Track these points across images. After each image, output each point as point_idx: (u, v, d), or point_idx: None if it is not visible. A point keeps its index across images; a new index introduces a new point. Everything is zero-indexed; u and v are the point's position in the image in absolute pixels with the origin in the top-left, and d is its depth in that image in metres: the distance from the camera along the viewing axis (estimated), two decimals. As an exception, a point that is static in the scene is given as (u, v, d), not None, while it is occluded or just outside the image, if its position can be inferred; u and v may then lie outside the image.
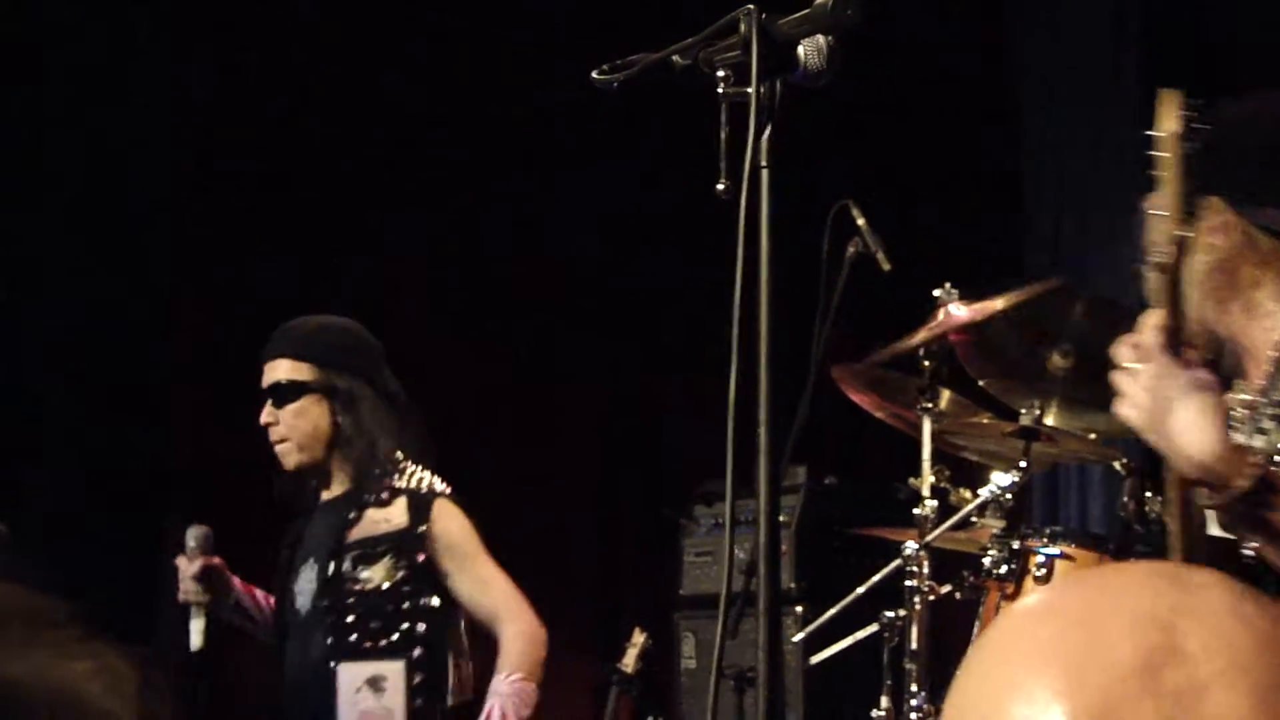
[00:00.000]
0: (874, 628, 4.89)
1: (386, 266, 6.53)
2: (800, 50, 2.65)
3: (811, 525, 5.92)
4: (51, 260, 6.28)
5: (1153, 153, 2.84)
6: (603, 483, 6.71)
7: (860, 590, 4.95)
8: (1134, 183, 7.38)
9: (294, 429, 4.45)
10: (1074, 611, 1.02)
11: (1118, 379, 2.80)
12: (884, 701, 4.75)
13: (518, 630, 4.34)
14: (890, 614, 4.73)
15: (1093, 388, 5.25)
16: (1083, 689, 0.97)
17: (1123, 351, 2.80)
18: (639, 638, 5.71)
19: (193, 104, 6.55)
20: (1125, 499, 5.03)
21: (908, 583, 4.64)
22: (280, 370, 4.47)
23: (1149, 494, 4.98)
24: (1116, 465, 5.10)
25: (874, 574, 4.96)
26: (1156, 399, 2.71)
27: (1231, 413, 2.87)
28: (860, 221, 4.63)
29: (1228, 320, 3.05)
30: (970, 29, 7.20)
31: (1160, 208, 2.82)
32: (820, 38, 2.64)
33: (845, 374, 5.08)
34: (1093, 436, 5.22)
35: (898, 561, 4.72)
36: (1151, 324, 2.77)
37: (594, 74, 2.71)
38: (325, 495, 4.52)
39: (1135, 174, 7.39)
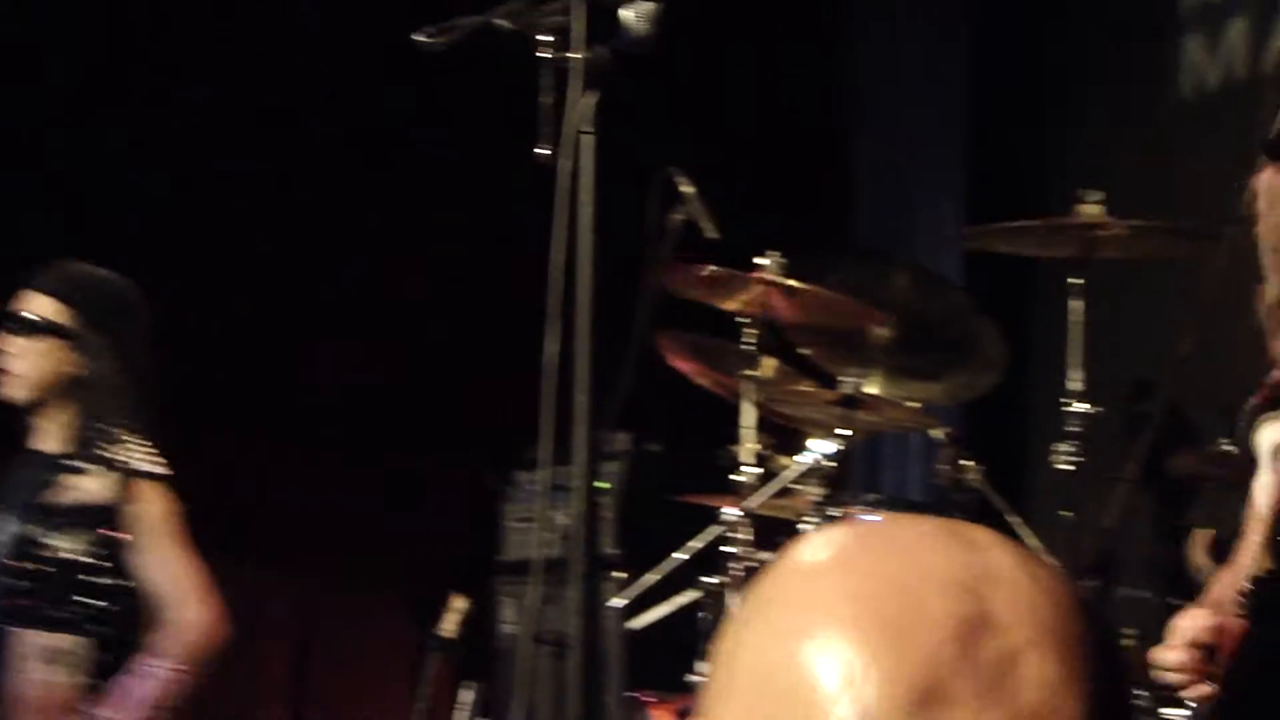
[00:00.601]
0: (695, 594, 4.90)
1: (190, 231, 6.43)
2: (624, 14, 2.63)
3: (634, 492, 5.92)
4: None
5: None
6: (423, 447, 6.67)
7: (680, 556, 4.96)
8: (959, 152, 7.46)
9: (32, 366, 4.27)
10: (878, 569, 1.00)
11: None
12: (702, 667, 4.76)
13: (189, 619, 4.16)
14: (711, 580, 4.74)
15: (914, 357, 5.33)
16: (904, 658, 0.96)
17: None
18: (459, 603, 5.68)
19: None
20: (943, 467, 5.10)
21: (728, 549, 4.65)
22: (39, 305, 4.30)
23: (966, 462, 5.05)
24: (935, 433, 5.16)
25: (695, 540, 4.98)
26: None
27: None
28: (685, 188, 4.63)
29: None
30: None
31: None
32: (644, 3, 2.63)
33: (669, 341, 5.09)
34: (912, 404, 5.28)
35: (718, 528, 4.73)
36: None
37: (415, 35, 2.69)
38: (36, 445, 4.35)
39: (961, 142, 7.47)
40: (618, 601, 5.35)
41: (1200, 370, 3.44)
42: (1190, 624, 2.94)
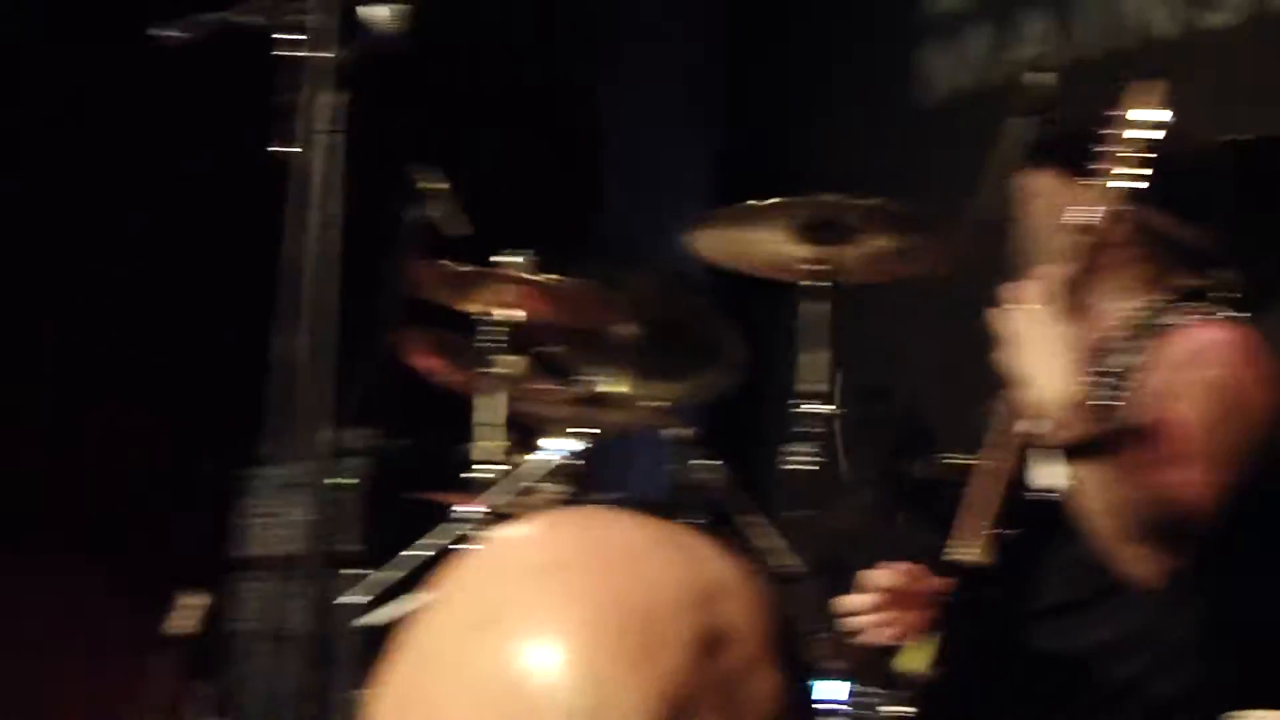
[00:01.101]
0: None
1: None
2: (369, 14, 2.63)
3: (375, 488, 5.89)
4: None
5: (1113, 130, 3.12)
6: (160, 440, 6.58)
7: (418, 554, 4.94)
8: (701, 155, 7.53)
9: None
10: (602, 582, 0.98)
11: (1003, 318, 3.11)
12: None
13: None
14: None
15: (658, 357, 5.37)
16: (651, 674, 0.94)
17: (1021, 289, 3.11)
18: (194, 599, 5.62)
19: None
20: (685, 467, 5.15)
21: (469, 547, 4.64)
22: None
23: (707, 461, 5.11)
24: (677, 433, 5.21)
25: (435, 538, 4.97)
26: (1036, 338, 3.06)
27: None
28: (432, 186, 4.62)
29: (1098, 296, 3.34)
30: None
31: (1107, 179, 3.05)
32: (390, 3, 2.63)
33: (413, 337, 5.07)
34: (655, 404, 5.32)
35: (457, 526, 4.73)
36: (1052, 274, 3.11)
37: (153, 30, 2.65)
38: None
39: (709, 145, 7.53)
40: (355, 598, 5.32)
41: (939, 374, 3.54)
42: (877, 571, 3.18)
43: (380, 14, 2.62)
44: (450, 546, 4.74)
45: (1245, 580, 3.37)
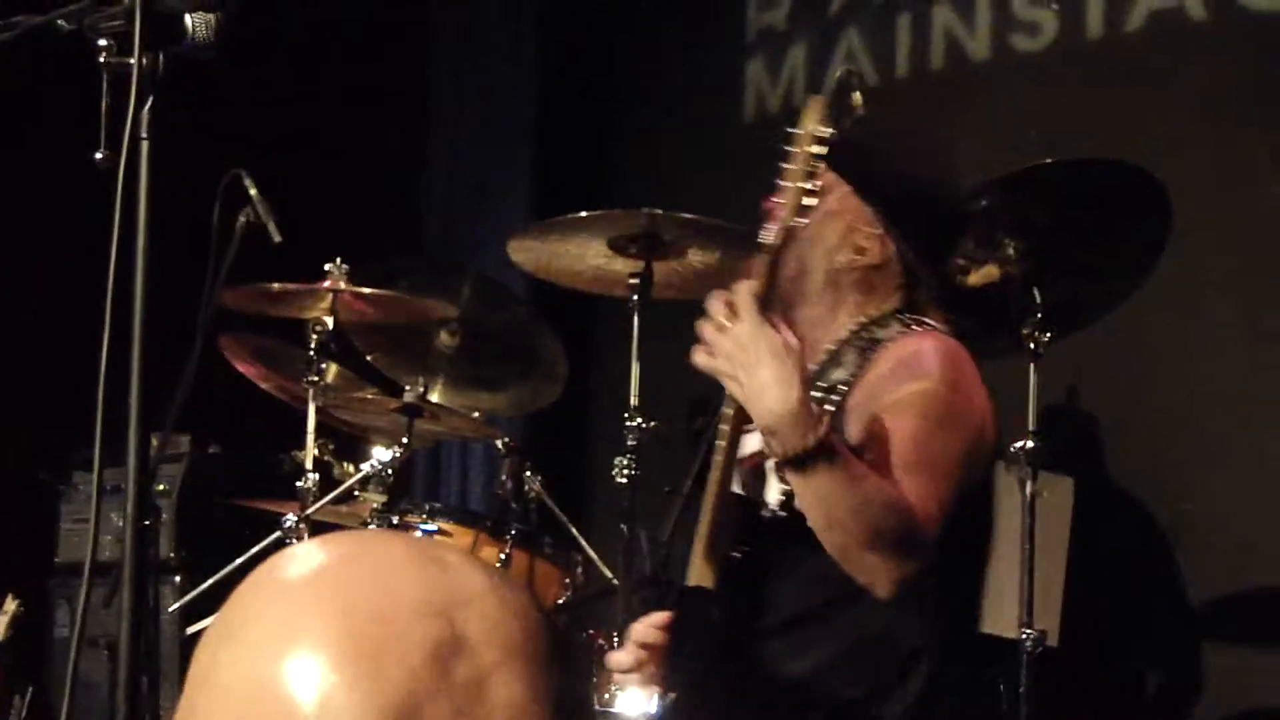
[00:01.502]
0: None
1: None
2: (187, 21, 2.64)
3: (193, 494, 5.86)
4: None
5: (787, 148, 3.12)
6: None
7: (239, 561, 4.93)
8: (528, 161, 7.49)
9: None
10: (352, 596, 1.02)
11: (704, 330, 3.07)
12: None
13: None
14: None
15: (478, 366, 5.40)
16: (380, 681, 0.98)
17: (716, 306, 3.06)
18: (10, 605, 5.56)
19: None
20: (504, 477, 5.18)
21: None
22: None
23: (528, 473, 5.14)
24: (498, 444, 5.24)
25: (255, 545, 4.96)
26: (748, 352, 2.99)
27: None
28: (252, 191, 4.62)
29: (818, 310, 3.42)
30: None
31: (784, 198, 3.05)
32: (207, 11, 2.64)
33: (232, 344, 5.07)
34: (475, 415, 5.36)
35: (277, 534, 4.73)
36: (746, 289, 3.04)
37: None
38: None
39: (531, 152, 7.50)
40: (175, 605, 5.30)
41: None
42: (640, 626, 3.16)
43: (197, 21, 2.63)
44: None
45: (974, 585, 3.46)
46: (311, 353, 4.78)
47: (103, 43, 2.59)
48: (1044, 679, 3.87)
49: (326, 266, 4.81)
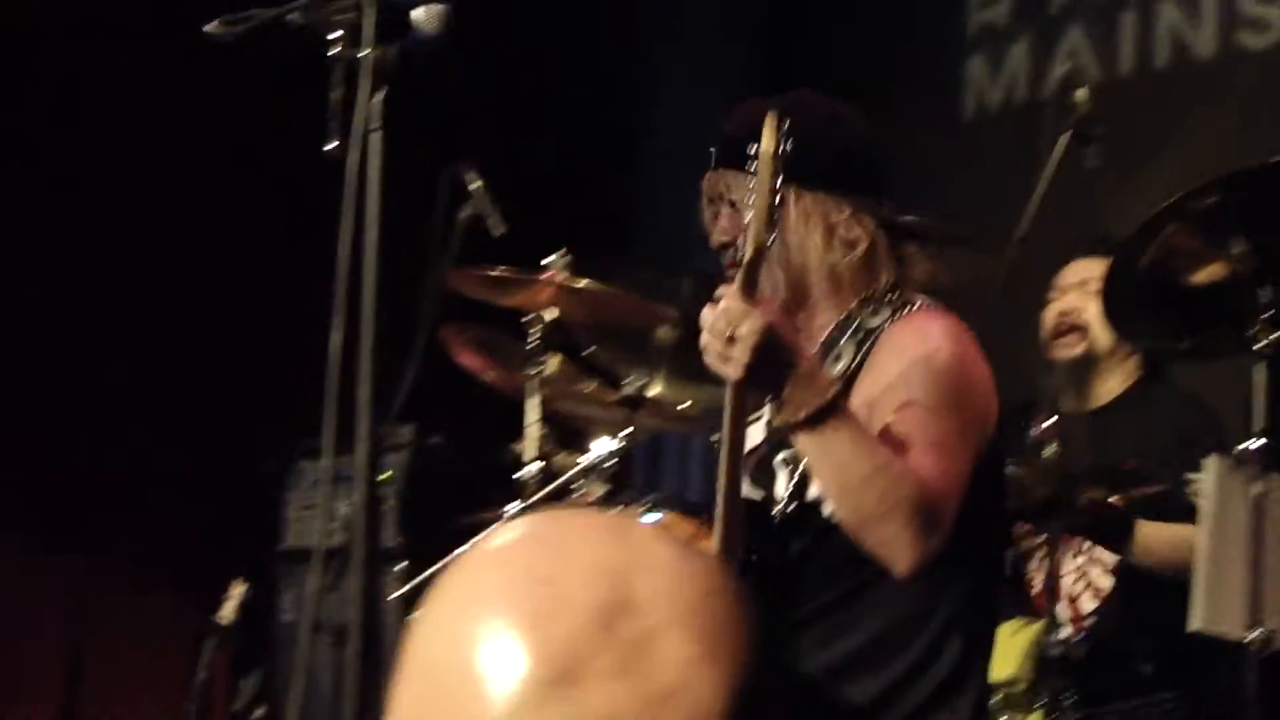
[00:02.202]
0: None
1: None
2: (415, 14, 2.68)
3: (416, 484, 5.95)
4: None
5: (752, 169, 3.06)
6: (204, 432, 6.63)
7: (461, 550, 4.97)
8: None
9: None
10: (531, 563, 1.09)
11: (704, 340, 3.02)
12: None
13: None
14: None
15: (697, 360, 5.40)
16: (547, 640, 1.04)
17: (704, 313, 3.03)
18: (238, 589, 5.68)
19: None
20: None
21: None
22: None
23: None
24: (715, 437, 5.24)
25: (476, 535, 5.00)
26: (740, 323, 2.93)
27: None
28: (474, 185, 4.66)
29: (829, 315, 3.35)
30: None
31: (752, 214, 3.03)
32: (434, 4, 2.68)
33: (455, 335, 5.12)
34: (693, 407, 5.36)
35: (498, 524, 4.76)
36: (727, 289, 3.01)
37: (207, 27, 2.71)
38: None
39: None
40: (399, 592, 5.37)
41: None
42: None
43: (424, 14, 2.67)
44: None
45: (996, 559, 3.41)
46: (532, 345, 4.81)
47: (333, 35, 2.64)
48: (1273, 680, 3.79)
49: (548, 259, 4.84)
